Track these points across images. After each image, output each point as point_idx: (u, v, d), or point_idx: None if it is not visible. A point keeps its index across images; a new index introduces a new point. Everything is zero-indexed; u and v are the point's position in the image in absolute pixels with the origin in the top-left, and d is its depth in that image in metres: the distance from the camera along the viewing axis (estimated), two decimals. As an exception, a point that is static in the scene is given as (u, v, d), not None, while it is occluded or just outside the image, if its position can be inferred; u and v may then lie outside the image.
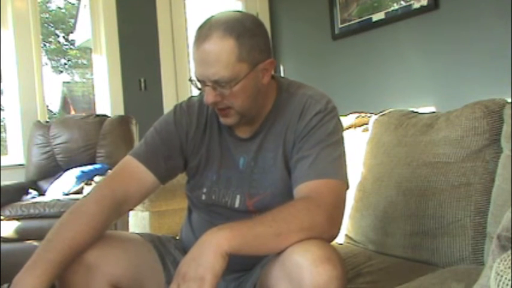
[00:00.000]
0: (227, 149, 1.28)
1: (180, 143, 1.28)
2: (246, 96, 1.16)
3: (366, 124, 1.94)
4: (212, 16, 1.16)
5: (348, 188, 1.18)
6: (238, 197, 1.26)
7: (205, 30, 1.12)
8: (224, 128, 1.28)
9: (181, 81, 4.22)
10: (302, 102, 1.22)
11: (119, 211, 1.21)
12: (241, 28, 1.12)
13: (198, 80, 1.16)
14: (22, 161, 3.53)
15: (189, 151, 1.29)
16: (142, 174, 1.24)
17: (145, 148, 1.27)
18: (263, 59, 1.16)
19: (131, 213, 2.32)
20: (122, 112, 3.86)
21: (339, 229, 1.11)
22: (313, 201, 1.08)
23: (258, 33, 1.16)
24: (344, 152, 1.20)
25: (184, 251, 1.30)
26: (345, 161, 1.19)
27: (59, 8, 8.11)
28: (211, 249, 0.96)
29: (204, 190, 1.29)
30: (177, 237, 1.43)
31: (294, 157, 1.19)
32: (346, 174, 1.18)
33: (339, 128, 1.22)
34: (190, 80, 1.20)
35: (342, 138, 1.22)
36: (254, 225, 1.02)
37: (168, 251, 1.31)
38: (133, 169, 1.25)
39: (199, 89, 1.20)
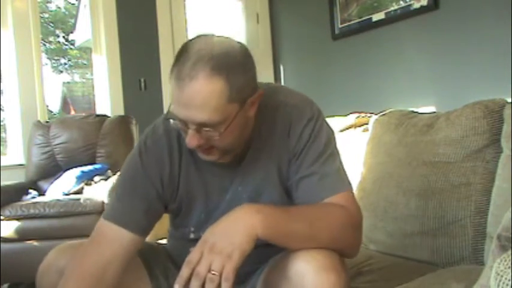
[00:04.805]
0: (210, 181, 1.16)
1: (156, 191, 1.14)
2: (234, 136, 1.04)
3: (366, 124, 1.94)
4: (191, 43, 1.00)
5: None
6: None
7: (189, 67, 0.95)
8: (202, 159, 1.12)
9: (181, 81, 4.21)
10: (287, 116, 1.12)
11: (103, 282, 1.08)
12: (232, 63, 0.97)
13: (179, 120, 1.01)
14: (22, 161, 3.52)
15: (167, 196, 1.16)
16: (118, 237, 1.10)
17: (118, 206, 1.13)
18: (253, 93, 1.03)
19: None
20: (122, 112, 3.86)
21: (359, 248, 1.10)
22: (347, 214, 1.06)
23: (249, 66, 1.02)
24: (338, 153, 1.15)
25: (173, 259, 1.28)
26: (342, 164, 1.15)
27: (59, 8, 8.12)
28: (246, 230, 0.93)
29: (192, 229, 1.21)
30: (166, 243, 1.37)
31: (293, 177, 1.12)
32: (348, 180, 1.14)
33: (329, 132, 1.15)
34: (167, 118, 1.04)
35: (334, 139, 1.16)
36: (290, 220, 0.99)
37: (158, 259, 1.27)
38: (107, 235, 1.10)
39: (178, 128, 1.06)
